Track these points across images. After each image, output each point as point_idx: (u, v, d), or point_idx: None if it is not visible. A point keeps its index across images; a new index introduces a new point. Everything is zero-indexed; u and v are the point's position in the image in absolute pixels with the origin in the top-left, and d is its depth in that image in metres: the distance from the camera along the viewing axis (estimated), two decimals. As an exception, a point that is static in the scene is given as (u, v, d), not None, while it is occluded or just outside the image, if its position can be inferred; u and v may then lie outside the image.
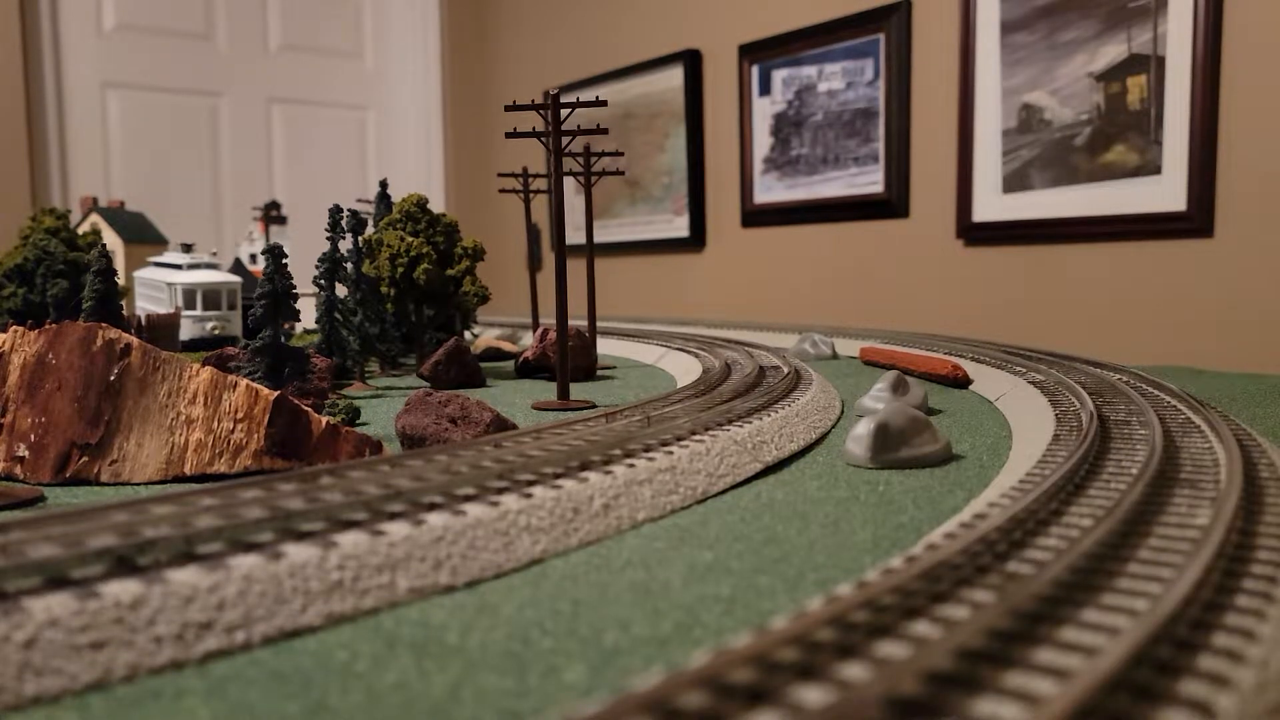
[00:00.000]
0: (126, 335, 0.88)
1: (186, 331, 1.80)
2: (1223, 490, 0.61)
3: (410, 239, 1.66)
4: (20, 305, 1.72)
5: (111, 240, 2.21)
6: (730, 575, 0.60)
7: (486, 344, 2.04)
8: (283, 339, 1.23)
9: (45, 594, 0.47)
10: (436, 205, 3.73)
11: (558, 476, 0.72)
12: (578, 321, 1.72)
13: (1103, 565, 0.49)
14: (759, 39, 2.71)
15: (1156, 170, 1.89)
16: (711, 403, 1.06)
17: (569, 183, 3.04)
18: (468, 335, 2.10)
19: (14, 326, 0.91)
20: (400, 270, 1.65)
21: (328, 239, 1.57)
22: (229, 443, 0.87)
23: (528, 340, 2.23)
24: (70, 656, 0.44)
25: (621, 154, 1.80)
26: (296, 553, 0.54)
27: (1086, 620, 0.42)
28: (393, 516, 0.61)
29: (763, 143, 2.73)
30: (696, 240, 2.98)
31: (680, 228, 3.03)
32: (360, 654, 0.48)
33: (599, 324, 1.99)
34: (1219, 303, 1.85)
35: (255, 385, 0.88)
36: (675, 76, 2.98)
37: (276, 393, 0.88)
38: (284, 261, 1.25)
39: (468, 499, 0.66)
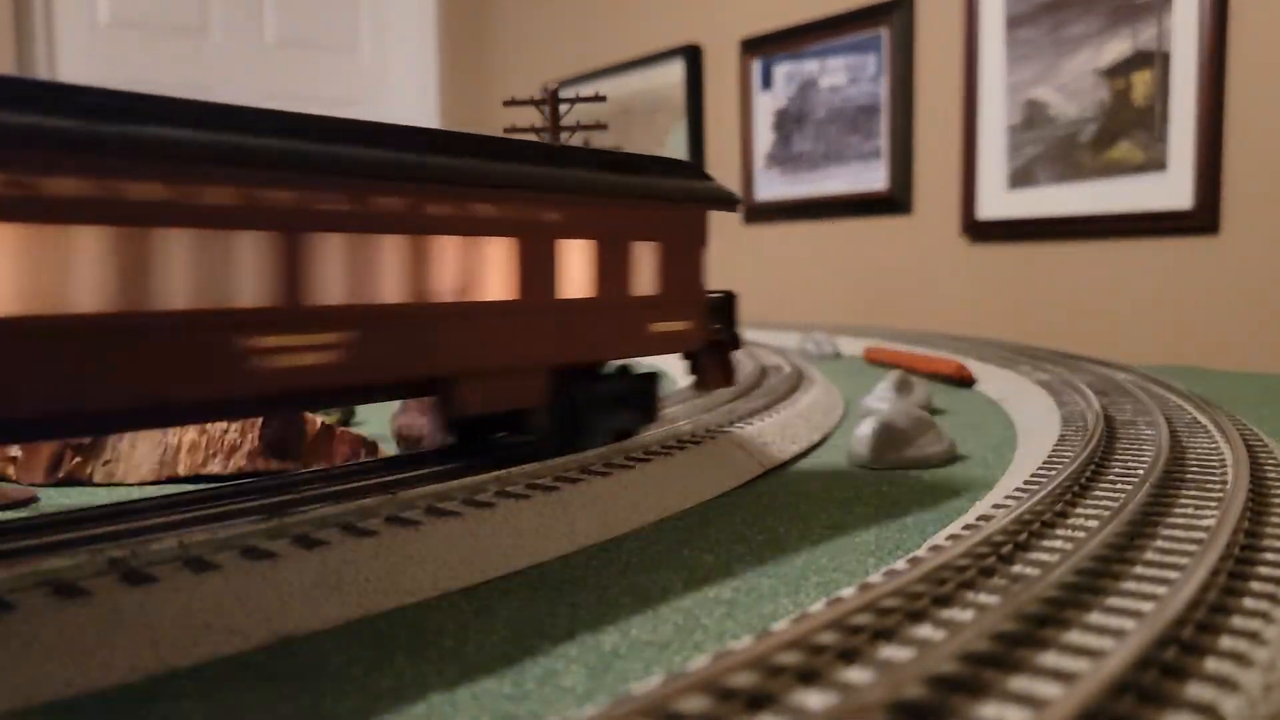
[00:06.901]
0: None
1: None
2: (1229, 491, 0.60)
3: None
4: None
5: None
6: (731, 578, 0.59)
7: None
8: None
9: (40, 596, 0.46)
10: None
11: (556, 478, 0.72)
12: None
13: (1108, 568, 0.48)
14: (761, 33, 2.70)
15: (1162, 167, 1.88)
16: (713, 403, 1.05)
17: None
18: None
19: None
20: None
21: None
22: (223, 443, 0.86)
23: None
24: (65, 659, 0.44)
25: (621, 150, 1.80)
26: (294, 555, 0.53)
27: (1091, 623, 0.42)
28: (389, 520, 0.61)
29: (764, 138, 2.72)
30: (698, 238, 2.98)
31: (681, 225, 3.02)
32: (357, 657, 0.47)
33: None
34: (1225, 301, 1.84)
35: (253, 384, 0.88)
36: (675, 71, 2.98)
37: (274, 392, 0.88)
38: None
39: (465, 501, 0.65)
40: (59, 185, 0.45)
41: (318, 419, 0.89)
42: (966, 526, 0.59)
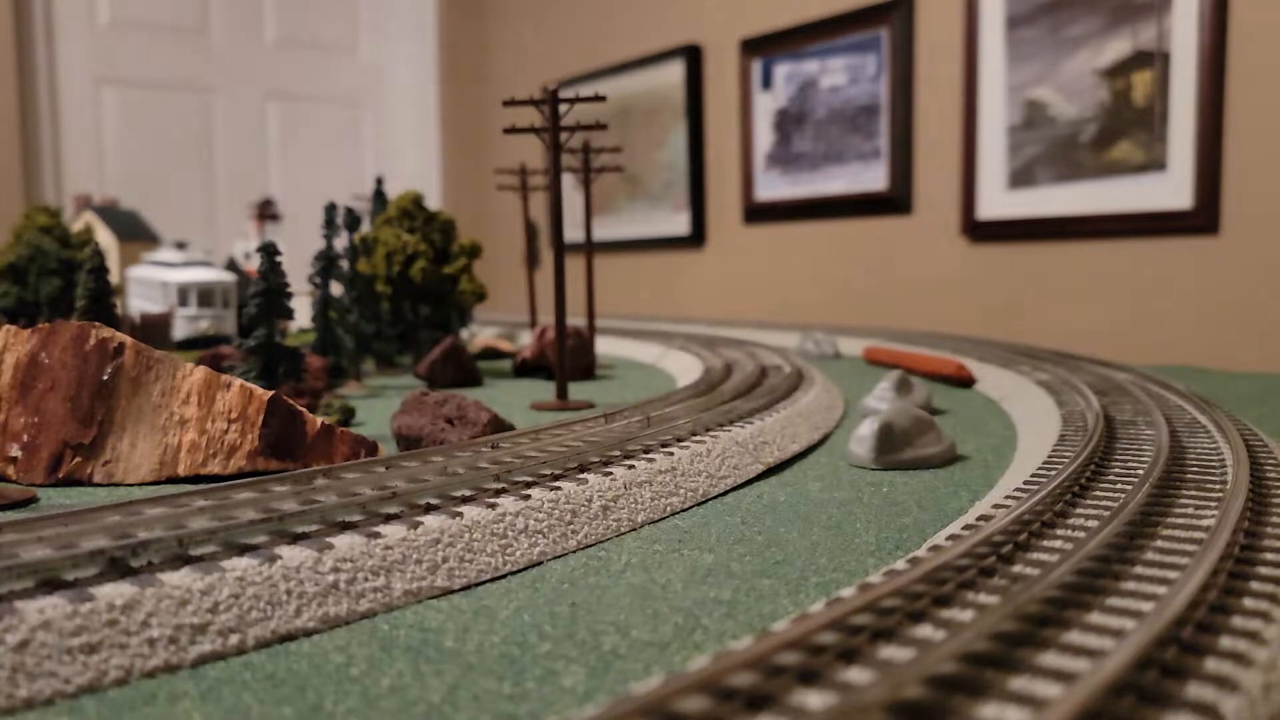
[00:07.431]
0: (120, 334, 0.88)
1: (181, 330, 1.79)
2: (1229, 491, 0.60)
3: (406, 236, 1.65)
4: (13, 304, 1.72)
5: (105, 238, 2.20)
6: (731, 578, 0.59)
7: (484, 343, 2.03)
8: (277, 338, 1.23)
9: (38, 597, 0.46)
10: (433, 202, 3.72)
11: (556, 478, 0.72)
12: (576, 320, 1.71)
13: (1108, 567, 0.48)
14: (761, 34, 2.70)
15: (1162, 167, 1.88)
16: (712, 403, 1.05)
17: (568, 179, 3.03)
18: (465, 334, 2.09)
19: (7, 325, 0.90)
20: (396, 268, 1.64)
21: (324, 236, 1.57)
22: (223, 443, 0.86)
23: (525, 339, 2.22)
24: (63, 659, 0.43)
25: (620, 150, 1.79)
26: (291, 555, 0.53)
27: (1091, 623, 0.42)
28: (388, 519, 0.61)
29: (764, 139, 2.72)
30: (697, 237, 2.98)
31: (680, 225, 3.02)
32: (356, 657, 0.47)
33: (598, 323, 1.98)
34: (1225, 301, 1.84)
35: (249, 385, 0.88)
36: (676, 72, 2.97)
37: (271, 393, 0.88)
38: (278, 260, 1.24)
39: (465, 500, 0.65)
40: None
41: (318, 419, 0.89)
42: (966, 526, 0.59)
